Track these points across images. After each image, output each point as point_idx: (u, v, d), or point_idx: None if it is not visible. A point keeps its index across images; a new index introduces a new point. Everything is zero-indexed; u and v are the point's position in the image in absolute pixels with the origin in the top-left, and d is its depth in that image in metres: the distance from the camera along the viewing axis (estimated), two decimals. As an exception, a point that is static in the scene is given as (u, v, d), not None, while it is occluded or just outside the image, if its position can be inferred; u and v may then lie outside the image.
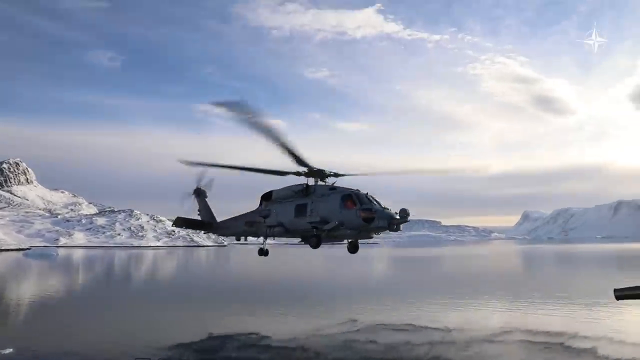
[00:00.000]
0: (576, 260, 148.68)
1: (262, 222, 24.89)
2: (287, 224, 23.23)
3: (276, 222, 23.90)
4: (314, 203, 22.46)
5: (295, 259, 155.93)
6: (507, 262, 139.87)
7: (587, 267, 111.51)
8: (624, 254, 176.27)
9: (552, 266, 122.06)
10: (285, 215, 23.40)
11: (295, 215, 23.07)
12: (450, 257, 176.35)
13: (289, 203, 23.77)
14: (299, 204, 23.19)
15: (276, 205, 24.28)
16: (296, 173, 23.54)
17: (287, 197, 24.12)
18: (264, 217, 24.77)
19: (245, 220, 26.22)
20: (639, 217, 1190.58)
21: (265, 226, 24.63)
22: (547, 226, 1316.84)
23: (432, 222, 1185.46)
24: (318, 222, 21.52)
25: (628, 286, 7.26)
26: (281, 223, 23.72)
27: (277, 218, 23.97)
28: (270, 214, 24.55)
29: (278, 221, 23.84)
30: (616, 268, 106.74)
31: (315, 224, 21.73)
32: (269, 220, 24.52)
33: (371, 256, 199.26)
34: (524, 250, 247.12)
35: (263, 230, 25.31)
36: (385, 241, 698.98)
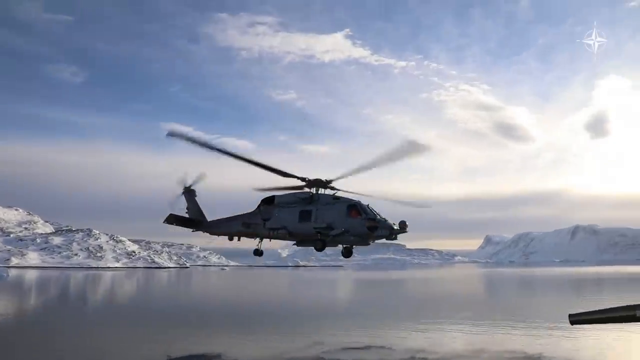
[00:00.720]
0: (535, 283, 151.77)
1: (262, 225, 25.70)
2: (291, 227, 24.37)
3: (279, 225, 24.91)
4: (319, 210, 23.90)
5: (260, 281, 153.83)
6: (470, 286, 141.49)
7: (545, 291, 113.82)
8: (580, 277, 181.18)
9: (513, 289, 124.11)
10: (289, 219, 24.49)
11: (299, 220, 24.24)
12: (415, 280, 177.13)
13: (292, 208, 24.77)
14: (303, 209, 24.36)
15: (279, 210, 25.16)
16: (300, 179, 24.79)
17: (291, 203, 25.06)
18: (265, 219, 25.61)
19: (242, 221, 26.68)
20: (594, 241, 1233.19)
21: (267, 229, 25.52)
22: (508, 250, 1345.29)
23: (396, 245, 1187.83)
24: (323, 228, 23.02)
25: (582, 311, 7.34)
26: (285, 227, 24.81)
27: (281, 222, 24.98)
28: (272, 217, 25.45)
29: (281, 225, 24.85)
30: (572, 292, 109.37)
31: (320, 229, 23.19)
32: (271, 223, 25.45)
33: (336, 279, 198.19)
34: (486, 274, 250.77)
35: (261, 232, 26.18)
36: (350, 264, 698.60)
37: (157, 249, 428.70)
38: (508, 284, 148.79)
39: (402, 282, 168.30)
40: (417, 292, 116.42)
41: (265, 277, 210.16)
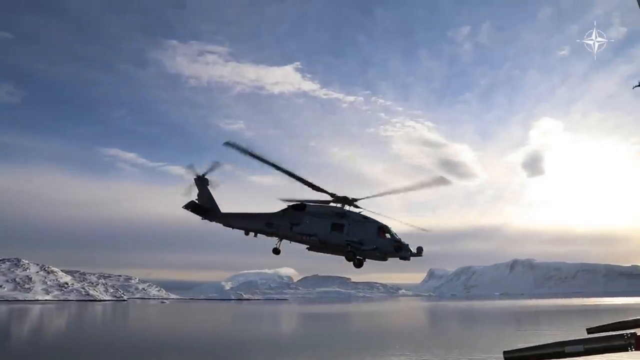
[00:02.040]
0: (476, 316, 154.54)
1: (288, 228, 27.07)
2: (322, 236, 26.00)
3: (310, 232, 26.37)
4: (351, 225, 25.97)
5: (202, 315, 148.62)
6: (414, 319, 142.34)
7: (484, 324, 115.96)
8: (518, 310, 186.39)
9: (454, 323, 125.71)
10: (322, 228, 26.14)
11: (331, 231, 26.04)
12: (360, 314, 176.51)
13: (325, 219, 26.55)
14: (335, 222, 26.23)
15: (310, 218, 26.74)
16: (330, 194, 26.62)
17: (323, 214, 26.72)
18: (293, 224, 26.93)
19: (266, 220, 27.89)
20: (531, 274, 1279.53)
21: (296, 233, 26.85)
22: (451, 283, 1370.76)
23: (342, 278, 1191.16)
24: (355, 242, 25.35)
25: (516, 348, 7.32)
26: (316, 234, 26.32)
27: (312, 229, 26.50)
28: (302, 223, 26.84)
29: (313, 232, 26.36)
30: (510, 324, 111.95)
31: (352, 243, 25.45)
32: (301, 228, 26.80)
33: (281, 312, 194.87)
34: (429, 307, 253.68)
35: (286, 234, 27.42)
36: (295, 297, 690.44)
37: (92, 281, 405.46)
38: (449, 317, 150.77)
39: (348, 315, 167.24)
40: (363, 325, 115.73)
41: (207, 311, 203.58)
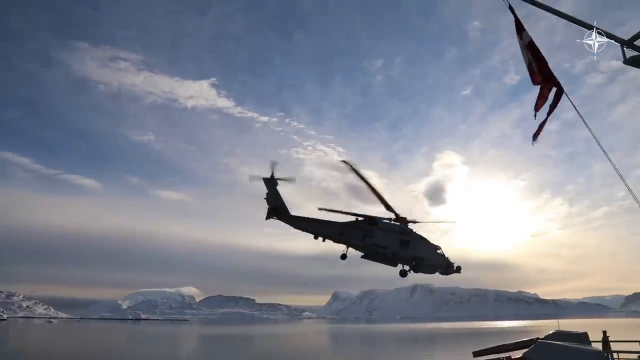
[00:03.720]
0: (376, 339, 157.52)
1: (360, 237, 29.70)
2: (393, 249, 28.88)
3: (384, 244, 29.11)
4: (414, 242, 29.17)
5: (94, 337, 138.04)
6: (316, 342, 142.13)
7: (383, 347, 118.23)
8: (416, 333, 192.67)
9: (355, 346, 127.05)
10: (392, 242, 28.97)
11: (400, 246, 29.06)
12: (263, 336, 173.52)
13: (394, 234, 29.39)
14: (403, 239, 29.23)
15: (382, 232, 29.28)
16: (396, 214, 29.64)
17: (392, 230, 29.49)
18: (366, 235, 29.47)
19: (338, 228, 30.06)
20: (431, 299, 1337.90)
21: (369, 244, 29.54)
22: (354, 306, 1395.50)
23: (246, 299, 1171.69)
24: (419, 257, 28.66)
25: None
26: (387, 247, 29.19)
27: (384, 242, 29.31)
28: (374, 235, 29.49)
29: (385, 244, 29.13)
30: (406, 348, 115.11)
31: (416, 258, 28.74)
32: (373, 240, 29.53)
33: (180, 334, 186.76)
34: (332, 330, 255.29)
35: (356, 244, 30.14)
36: (197, 318, 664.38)
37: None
38: (351, 340, 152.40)
39: (250, 338, 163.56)
40: (264, 348, 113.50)
41: (98, 332, 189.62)
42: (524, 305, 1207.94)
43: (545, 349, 7.23)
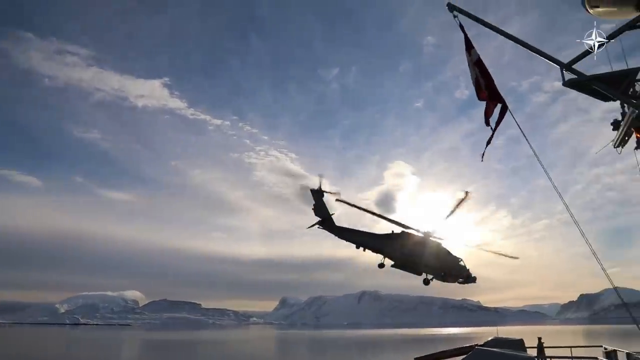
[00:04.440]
0: (324, 345, 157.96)
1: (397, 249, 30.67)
2: (425, 261, 30.14)
3: (417, 256, 30.40)
4: (444, 255, 30.68)
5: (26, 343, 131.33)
6: (263, 349, 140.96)
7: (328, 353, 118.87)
8: (362, 340, 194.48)
9: (302, 352, 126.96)
10: (424, 255, 30.27)
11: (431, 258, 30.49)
12: (209, 342, 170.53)
13: (425, 248, 30.55)
14: (433, 251, 30.60)
15: (416, 245, 30.50)
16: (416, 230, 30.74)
17: (423, 243, 30.69)
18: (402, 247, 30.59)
19: (378, 240, 31.12)
20: (378, 305, 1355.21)
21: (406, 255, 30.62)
22: (302, 312, 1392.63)
23: (192, 304, 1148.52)
24: (446, 268, 30.34)
25: None
26: (420, 259, 30.47)
27: (417, 253, 30.63)
28: (410, 247, 30.66)
29: (418, 256, 30.46)
30: (352, 354, 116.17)
31: (444, 269, 30.42)
32: (408, 251, 30.66)
33: (122, 340, 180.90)
34: (279, 336, 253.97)
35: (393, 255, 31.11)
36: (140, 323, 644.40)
37: None
38: (298, 347, 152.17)
39: (194, 344, 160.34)
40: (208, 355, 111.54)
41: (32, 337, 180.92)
42: (468, 313, 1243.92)
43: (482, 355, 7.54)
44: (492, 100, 12.35)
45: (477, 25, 13.47)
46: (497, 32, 12.90)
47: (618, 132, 14.58)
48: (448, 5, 13.29)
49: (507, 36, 12.82)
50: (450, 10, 13.36)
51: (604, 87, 12.31)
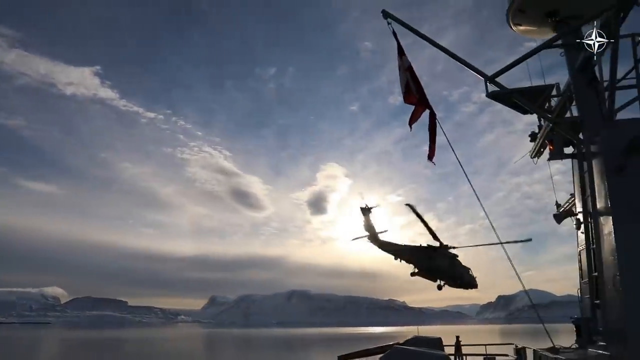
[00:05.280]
0: (251, 345, 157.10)
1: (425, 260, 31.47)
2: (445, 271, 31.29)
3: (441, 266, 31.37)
4: (459, 266, 31.63)
5: None
6: (190, 347, 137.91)
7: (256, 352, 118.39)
8: (291, 338, 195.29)
9: (229, 351, 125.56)
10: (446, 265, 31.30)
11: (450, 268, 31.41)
12: (134, 341, 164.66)
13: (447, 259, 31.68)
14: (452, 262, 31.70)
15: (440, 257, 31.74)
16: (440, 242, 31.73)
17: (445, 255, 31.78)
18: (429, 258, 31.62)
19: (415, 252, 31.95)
20: (307, 305, 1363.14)
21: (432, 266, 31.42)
22: (231, 311, 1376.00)
23: (117, 301, 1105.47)
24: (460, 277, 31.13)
25: None
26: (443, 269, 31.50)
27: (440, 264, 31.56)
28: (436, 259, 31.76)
29: (442, 267, 31.44)
30: (279, 352, 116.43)
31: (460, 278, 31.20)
32: (434, 263, 31.58)
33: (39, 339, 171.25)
34: (207, 335, 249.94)
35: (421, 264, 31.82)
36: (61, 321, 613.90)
37: None
38: (225, 345, 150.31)
39: (118, 343, 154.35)
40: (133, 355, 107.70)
41: None
42: (394, 313, 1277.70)
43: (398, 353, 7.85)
44: (420, 106, 12.78)
45: (411, 34, 13.89)
46: (427, 41, 13.39)
47: (534, 144, 15.57)
48: (383, 12, 13.62)
49: (437, 46, 13.32)
50: (385, 18, 13.71)
51: (523, 101, 13.11)
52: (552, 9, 13.86)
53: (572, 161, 13.95)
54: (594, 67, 12.55)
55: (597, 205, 11.67)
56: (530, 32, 15.33)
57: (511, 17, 14.85)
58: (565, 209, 15.85)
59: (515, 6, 14.28)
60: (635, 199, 10.67)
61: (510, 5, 14.46)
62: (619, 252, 10.36)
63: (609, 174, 11.12)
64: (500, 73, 12.85)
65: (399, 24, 13.84)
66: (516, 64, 12.79)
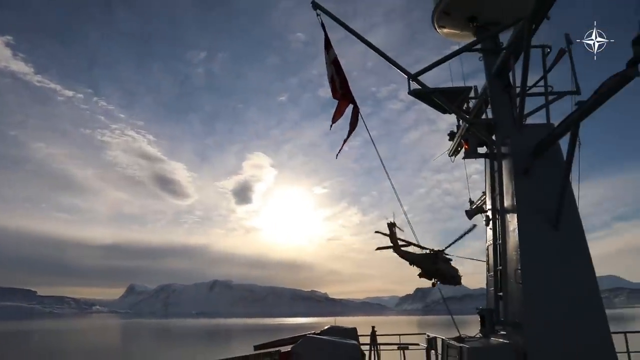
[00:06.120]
0: (168, 335, 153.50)
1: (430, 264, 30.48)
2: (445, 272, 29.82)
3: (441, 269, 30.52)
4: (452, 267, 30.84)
5: None
6: (101, 339, 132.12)
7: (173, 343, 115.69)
8: (212, 329, 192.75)
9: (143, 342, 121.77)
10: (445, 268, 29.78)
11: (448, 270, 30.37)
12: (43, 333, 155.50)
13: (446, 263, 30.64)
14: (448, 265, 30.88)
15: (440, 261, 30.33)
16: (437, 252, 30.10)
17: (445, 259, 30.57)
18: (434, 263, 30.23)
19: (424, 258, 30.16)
20: (229, 295, 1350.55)
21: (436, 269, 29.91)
22: (150, 300, 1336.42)
23: (25, 291, 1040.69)
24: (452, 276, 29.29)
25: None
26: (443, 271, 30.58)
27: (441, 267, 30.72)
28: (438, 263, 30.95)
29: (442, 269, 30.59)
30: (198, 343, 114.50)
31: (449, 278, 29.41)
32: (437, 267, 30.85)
33: None
34: (122, 325, 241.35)
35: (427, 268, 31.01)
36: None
37: None
38: (140, 336, 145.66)
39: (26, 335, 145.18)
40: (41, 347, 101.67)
41: None
42: (315, 304, 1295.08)
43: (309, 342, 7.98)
44: (344, 101, 12.86)
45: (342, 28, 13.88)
46: (355, 35, 13.47)
47: (453, 143, 16.21)
48: (312, 3, 13.51)
49: (363, 40, 13.44)
50: (314, 9, 13.60)
51: (443, 100, 13.55)
52: (473, 15, 14.41)
53: (484, 160, 14.64)
54: (509, 73, 13.18)
55: (505, 203, 12.33)
56: (453, 35, 15.86)
57: (436, 20, 15.27)
58: (477, 206, 16.68)
59: (440, 8, 14.70)
60: (537, 199, 11.37)
61: (436, 7, 14.85)
62: (522, 248, 11.01)
63: (516, 174, 11.77)
64: (422, 72, 13.20)
65: (329, 16, 13.78)
66: (438, 64, 13.20)
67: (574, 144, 9.99)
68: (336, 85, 12.86)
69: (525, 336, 10.17)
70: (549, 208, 10.94)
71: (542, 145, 11.10)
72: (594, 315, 10.26)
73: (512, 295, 11.40)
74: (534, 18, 10.67)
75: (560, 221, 10.85)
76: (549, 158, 11.38)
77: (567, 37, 12.88)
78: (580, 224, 11.16)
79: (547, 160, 11.37)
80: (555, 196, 10.77)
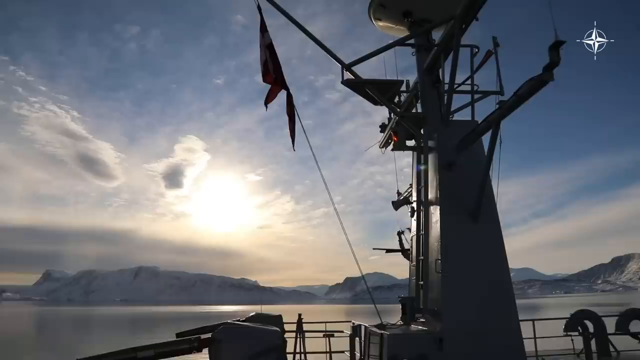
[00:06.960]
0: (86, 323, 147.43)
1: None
2: None
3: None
4: None
5: None
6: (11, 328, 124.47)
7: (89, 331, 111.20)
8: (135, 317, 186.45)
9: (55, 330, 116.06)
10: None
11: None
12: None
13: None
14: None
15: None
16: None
17: None
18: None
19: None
20: (155, 282, 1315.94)
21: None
22: (69, 287, 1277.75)
23: None
24: None
25: (90, 355, 6.48)
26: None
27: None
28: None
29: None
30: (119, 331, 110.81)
31: None
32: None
33: None
34: (36, 313, 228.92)
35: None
36: None
37: None
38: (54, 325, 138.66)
39: None
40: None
41: None
42: (245, 292, 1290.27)
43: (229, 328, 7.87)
44: (276, 86, 12.68)
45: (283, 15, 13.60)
46: (291, 20, 13.28)
47: (384, 135, 16.50)
48: (250, -16, 13.15)
49: (299, 26, 13.25)
50: (252, -10, 13.23)
51: (374, 92, 13.70)
52: (408, 10, 14.66)
53: (412, 153, 15.00)
54: (439, 70, 13.52)
55: (429, 195, 12.72)
56: (388, 29, 16.04)
57: (373, 12, 15.38)
58: (404, 197, 17.08)
59: (377, 1, 14.83)
60: (459, 193, 11.82)
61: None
62: (442, 239, 11.41)
63: (440, 168, 12.15)
64: (356, 62, 13.24)
65: (268, 1, 13.48)
66: (371, 55, 13.29)
67: (494, 141, 10.42)
68: (269, 68, 12.66)
69: (441, 323, 10.60)
70: (470, 202, 11.40)
71: (465, 140, 11.50)
72: (505, 304, 10.89)
73: (432, 284, 11.80)
74: (464, 18, 10.99)
75: (479, 215, 11.34)
76: (472, 154, 11.83)
77: (495, 40, 13.42)
78: (497, 218, 11.72)
79: (470, 155, 11.83)
80: (476, 191, 11.23)
